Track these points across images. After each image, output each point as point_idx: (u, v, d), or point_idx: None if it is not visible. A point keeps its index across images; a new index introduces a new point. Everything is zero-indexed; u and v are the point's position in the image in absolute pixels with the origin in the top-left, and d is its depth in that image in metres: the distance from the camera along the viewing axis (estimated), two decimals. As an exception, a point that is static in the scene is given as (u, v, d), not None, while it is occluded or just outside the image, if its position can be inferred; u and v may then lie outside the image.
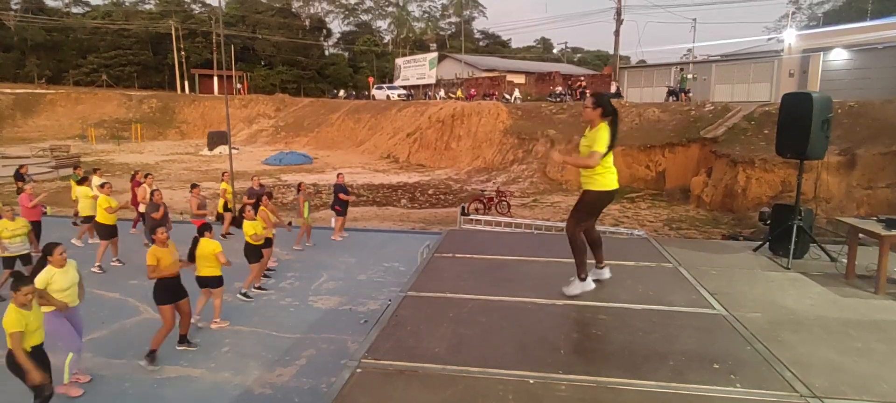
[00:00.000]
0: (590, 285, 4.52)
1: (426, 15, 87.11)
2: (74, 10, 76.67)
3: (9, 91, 49.76)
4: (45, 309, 5.35)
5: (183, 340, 6.88)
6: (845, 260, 5.36)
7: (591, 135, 4.37)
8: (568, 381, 3.23)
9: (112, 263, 10.16)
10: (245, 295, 8.64)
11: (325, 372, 6.31)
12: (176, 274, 6.46)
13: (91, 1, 77.61)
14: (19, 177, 14.14)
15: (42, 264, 5.66)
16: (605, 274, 4.81)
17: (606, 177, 4.43)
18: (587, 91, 35.09)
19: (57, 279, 5.62)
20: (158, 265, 6.29)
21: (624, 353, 3.58)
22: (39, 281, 5.45)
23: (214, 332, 7.43)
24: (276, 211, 10.64)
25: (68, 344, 5.81)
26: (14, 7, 67.94)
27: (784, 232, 5.72)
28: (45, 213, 14.31)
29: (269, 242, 9.42)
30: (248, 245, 8.64)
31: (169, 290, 6.41)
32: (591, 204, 4.54)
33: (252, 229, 8.55)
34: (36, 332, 4.84)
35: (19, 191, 13.13)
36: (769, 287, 4.98)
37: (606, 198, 4.52)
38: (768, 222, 6.44)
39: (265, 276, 9.58)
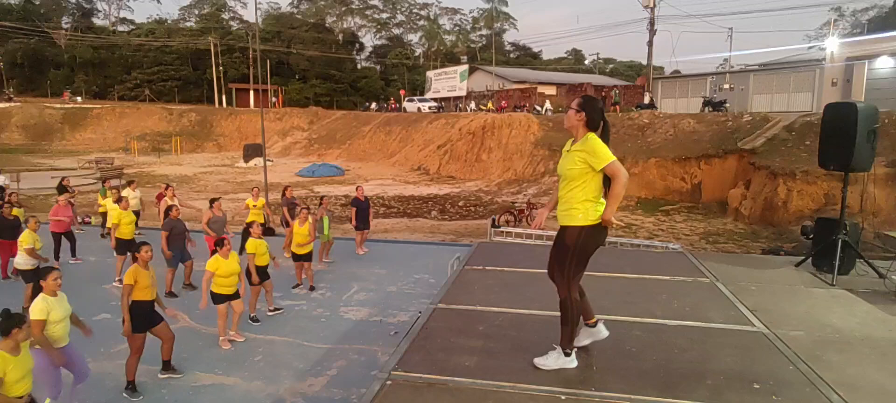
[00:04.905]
0: (573, 363, 3.54)
1: (457, 28, 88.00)
2: (120, 28, 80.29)
3: (58, 106, 52.26)
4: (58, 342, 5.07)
5: (166, 366, 6.46)
6: (895, 277, 5.12)
7: (580, 152, 3.43)
8: (600, 398, 3.17)
9: None
10: (253, 319, 8.25)
11: (355, 383, 6.33)
12: (151, 299, 6.11)
13: (136, 19, 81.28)
14: (62, 189, 14.72)
15: (37, 290, 5.13)
16: (603, 331, 3.80)
17: (599, 208, 3.43)
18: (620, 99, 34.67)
19: (54, 309, 5.10)
20: (135, 285, 5.89)
21: (659, 371, 3.49)
22: (38, 311, 4.94)
23: (249, 341, 7.56)
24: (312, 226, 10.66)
25: (48, 389, 5.12)
26: (65, 27, 71.47)
27: (828, 246, 5.51)
28: (88, 223, 14.95)
29: (308, 256, 9.62)
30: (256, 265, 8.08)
31: (142, 315, 5.98)
32: (580, 248, 3.48)
33: (253, 248, 8.11)
34: (19, 382, 4.28)
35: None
36: (813, 304, 4.79)
37: (601, 235, 3.50)
38: (811, 236, 6.23)
39: (311, 287, 9.67)
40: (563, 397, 3.17)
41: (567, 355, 3.55)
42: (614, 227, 3.48)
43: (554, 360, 3.55)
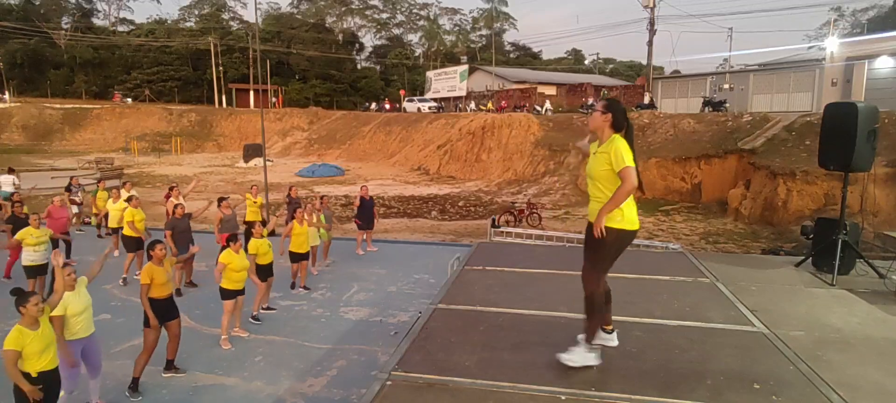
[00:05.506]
0: (598, 360, 3.55)
1: (457, 28, 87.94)
2: (120, 28, 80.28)
3: (58, 106, 52.20)
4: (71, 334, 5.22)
5: (169, 366, 6.48)
6: (895, 277, 5.13)
7: (605, 154, 3.52)
8: (600, 398, 3.17)
9: (135, 276, 9.72)
10: (255, 318, 8.23)
11: (355, 383, 6.33)
12: (168, 295, 6.20)
13: (135, 19, 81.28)
14: (70, 189, 14.74)
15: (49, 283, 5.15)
16: (614, 340, 3.85)
17: (632, 210, 3.56)
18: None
19: (71, 303, 5.20)
20: (151, 284, 6.01)
21: (659, 371, 3.48)
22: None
23: (249, 341, 7.56)
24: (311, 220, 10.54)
25: (64, 382, 5.12)
26: (65, 27, 71.45)
27: (828, 246, 5.51)
28: (87, 223, 14.94)
29: (306, 256, 9.65)
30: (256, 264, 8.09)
31: (157, 311, 6.05)
32: (617, 248, 3.59)
33: (254, 248, 8.10)
34: (41, 355, 4.50)
35: (71, 202, 13.66)
36: (813, 304, 4.79)
37: (630, 237, 3.62)
38: (811, 236, 6.23)
39: (305, 288, 9.71)
40: (563, 397, 3.17)
41: (590, 349, 3.54)
42: (600, 235, 3.48)
43: (580, 356, 3.52)
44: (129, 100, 61.04)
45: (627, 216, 3.52)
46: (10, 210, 10.33)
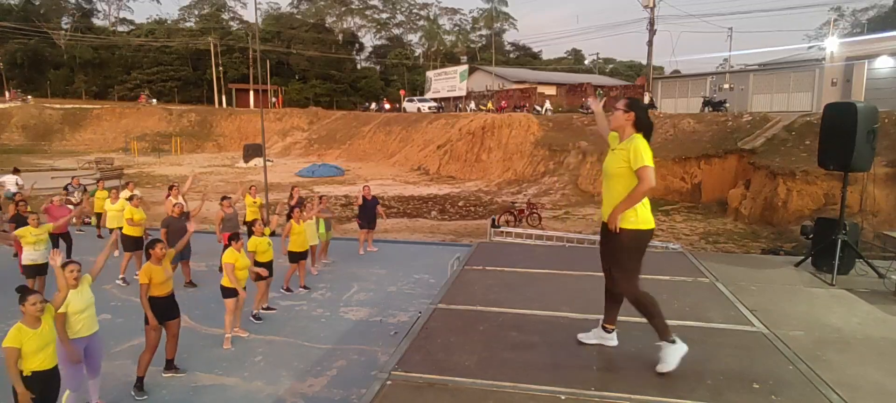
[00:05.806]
0: (683, 347, 3.45)
1: (457, 28, 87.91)
2: (120, 28, 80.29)
3: (58, 106, 52.20)
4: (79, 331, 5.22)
5: (169, 365, 6.47)
6: (894, 277, 5.13)
7: (624, 151, 3.51)
8: (600, 398, 3.17)
9: (134, 276, 9.57)
10: (256, 317, 8.27)
11: (355, 383, 6.33)
12: (167, 294, 6.19)
13: (135, 20, 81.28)
14: (67, 188, 14.70)
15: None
16: (613, 340, 3.87)
17: (646, 209, 3.55)
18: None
19: (72, 300, 5.18)
20: (150, 283, 5.99)
21: (659, 371, 3.48)
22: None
23: (249, 341, 7.56)
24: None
25: (68, 381, 5.17)
26: (65, 27, 71.46)
27: (828, 246, 5.51)
28: (87, 223, 14.92)
29: (305, 255, 9.63)
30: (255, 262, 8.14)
31: (157, 310, 6.05)
32: (637, 248, 3.59)
33: (254, 246, 8.20)
34: (38, 354, 4.51)
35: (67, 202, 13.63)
36: (812, 304, 4.79)
37: (647, 236, 3.60)
38: (811, 236, 6.23)
39: (305, 287, 9.70)
40: (563, 397, 3.17)
41: (672, 342, 3.47)
42: (614, 231, 3.51)
43: (669, 355, 3.43)
44: (154, 101, 60.82)
45: (641, 215, 3.51)
46: (15, 210, 10.35)
